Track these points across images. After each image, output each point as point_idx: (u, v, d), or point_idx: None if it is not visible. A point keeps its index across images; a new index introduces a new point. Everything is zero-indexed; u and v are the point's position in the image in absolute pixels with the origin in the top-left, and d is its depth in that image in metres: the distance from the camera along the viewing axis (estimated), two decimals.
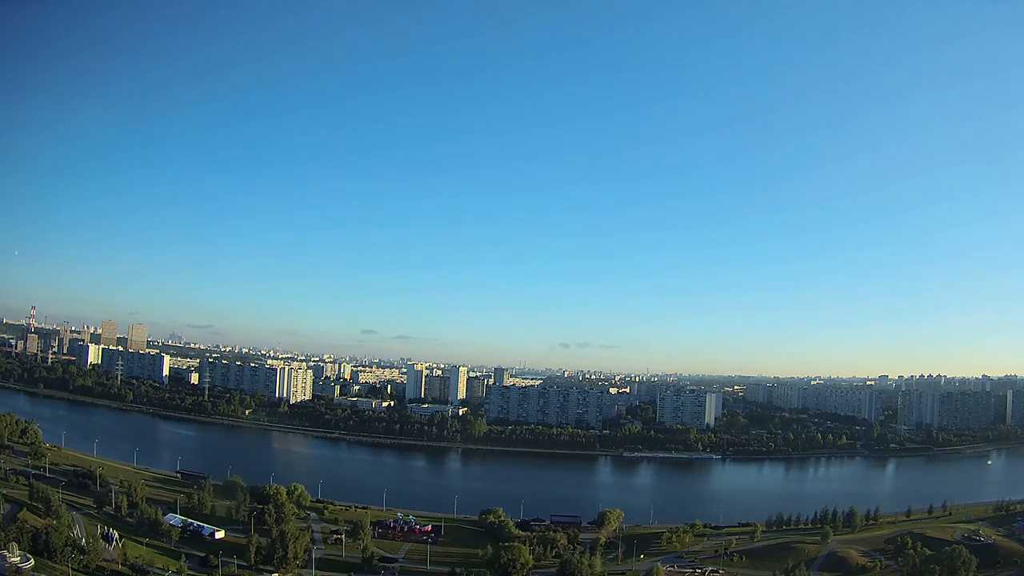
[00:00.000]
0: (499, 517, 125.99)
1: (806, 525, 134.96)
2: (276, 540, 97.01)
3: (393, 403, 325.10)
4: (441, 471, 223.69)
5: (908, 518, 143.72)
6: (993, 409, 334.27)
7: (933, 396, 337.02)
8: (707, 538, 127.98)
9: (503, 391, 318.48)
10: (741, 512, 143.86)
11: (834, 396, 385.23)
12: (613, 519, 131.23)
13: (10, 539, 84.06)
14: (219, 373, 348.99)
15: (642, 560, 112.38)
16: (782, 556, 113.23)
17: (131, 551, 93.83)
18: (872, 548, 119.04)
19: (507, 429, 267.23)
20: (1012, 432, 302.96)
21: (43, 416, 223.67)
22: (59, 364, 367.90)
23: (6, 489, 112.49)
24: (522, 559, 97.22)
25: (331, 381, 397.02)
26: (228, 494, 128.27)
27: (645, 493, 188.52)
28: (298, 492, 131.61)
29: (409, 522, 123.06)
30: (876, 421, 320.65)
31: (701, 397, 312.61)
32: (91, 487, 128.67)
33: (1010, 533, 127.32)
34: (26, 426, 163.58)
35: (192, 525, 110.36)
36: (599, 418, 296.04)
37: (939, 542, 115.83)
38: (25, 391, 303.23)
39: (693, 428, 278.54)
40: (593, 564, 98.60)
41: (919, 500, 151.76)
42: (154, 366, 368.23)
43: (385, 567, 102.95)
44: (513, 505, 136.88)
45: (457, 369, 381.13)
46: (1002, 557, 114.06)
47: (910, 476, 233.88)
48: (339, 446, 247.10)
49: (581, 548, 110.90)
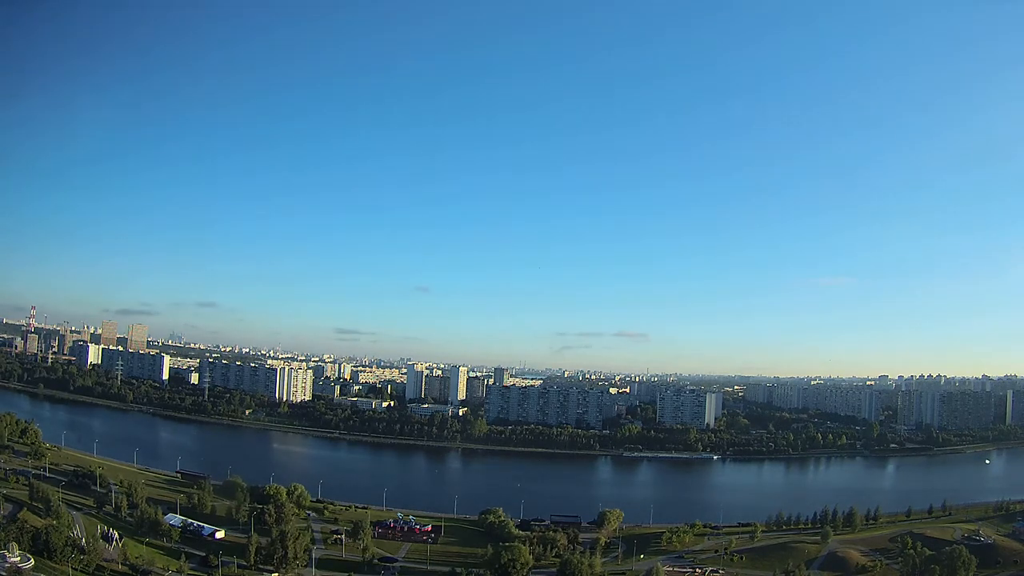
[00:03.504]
0: (499, 517, 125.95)
1: (806, 525, 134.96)
2: (276, 540, 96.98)
3: (393, 403, 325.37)
4: (441, 471, 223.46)
5: (908, 518, 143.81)
6: (993, 409, 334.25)
7: (933, 396, 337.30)
8: (707, 538, 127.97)
9: (503, 391, 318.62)
10: (741, 512, 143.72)
11: (834, 396, 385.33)
12: (613, 519, 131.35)
13: (10, 539, 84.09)
14: (219, 373, 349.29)
15: (642, 560, 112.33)
16: (782, 556, 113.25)
17: (131, 551, 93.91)
18: (872, 548, 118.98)
19: (507, 429, 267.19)
20: (1012, 432, 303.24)
21: (43, 416, 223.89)
22: (59, 364, 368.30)
23: (6, 489, 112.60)
24: (522, 559, 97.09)
25: (331, 381, 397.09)
26: (228, 494, 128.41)
27: (645, 493, 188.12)
28: (298, 492, 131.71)
29: (409, 522, 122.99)
30: (876, 421, 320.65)
31: (701, 397, 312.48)
32: (91, 487, 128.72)
33: (1010, 533, 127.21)
34: (26, 426, 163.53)
35: (192, 525, 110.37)
36: (599, 418, 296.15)
37: (939, 542, 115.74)
38: (25, 391, 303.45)
39: (693, 428, 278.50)
40: (593, 564, 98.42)
41: (919, 500, 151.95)
42: (154, 366, 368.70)
43: (385, 567, 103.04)
44: (513, 505, 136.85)
45: (457, 369, 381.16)
46: (1002, 557, 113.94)
47: (910, 476, 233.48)
48: (339, 446, 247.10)
49: (581, 548, 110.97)
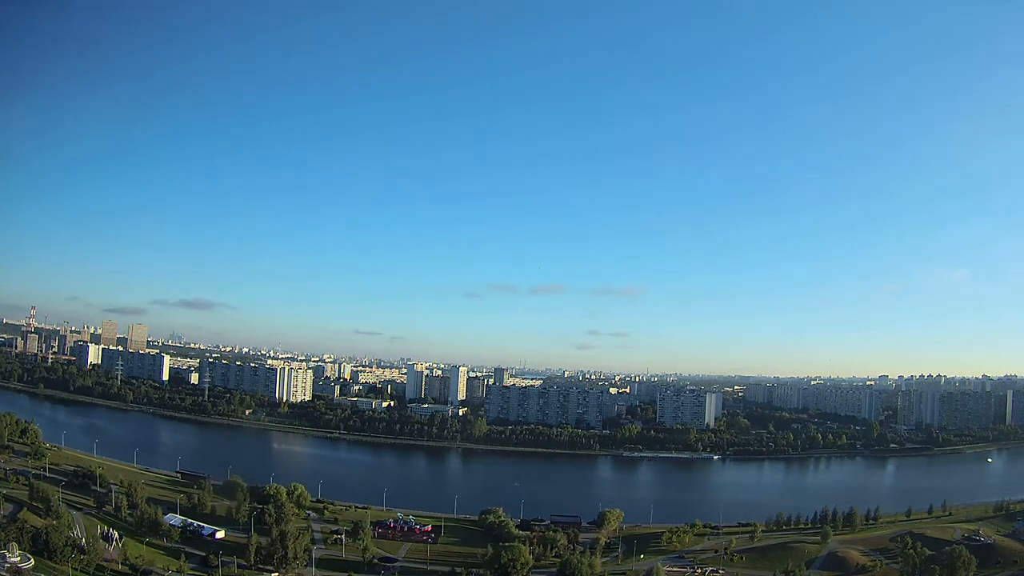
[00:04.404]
0: (499, 517, 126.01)
1: (806, 525, 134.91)
2: (276, 540, 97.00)
3: (393, 403, 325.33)
4: (441, 471, 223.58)
5: (908, 518, 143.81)
6: (993, 409, 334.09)
7: (933, 396, 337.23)
8: (707, 538, 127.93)
9: (503, 391, 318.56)
10: (741, 512, 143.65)
11: (834, 396, 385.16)
12: (613, 519, 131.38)
13: (10, 539, 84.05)
14: (219, 373, 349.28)
15: (642, 560, 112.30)
16: (782, 556, 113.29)
17: (131, 551, 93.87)
18: (872, 548, 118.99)
19: (507, 429, 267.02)
20: (1012, 432, 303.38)
21: (43, 416, 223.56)
22: (59, 364, 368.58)
23: (6, 489, 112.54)
24: (522, 559, 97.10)
25: (331, 381, 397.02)
26: (228, 494, 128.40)
27: (645, 493, 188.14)
28: (298, 492, 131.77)
29: (409, 522, 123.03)
30: (876, 421, 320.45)
31: (701, 397, 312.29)
32: (91, 487, 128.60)
33: (1010, 533, 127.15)
34: (26, 426, 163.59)
35: (192, 525, 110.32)
36: (599, 418, 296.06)
37: (939, 542, 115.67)
38: (25, 391, 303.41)
39: (693, 428, 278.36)
40: (593, 564, 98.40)
41: (919, 500, 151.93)
42: (154, 366, 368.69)
43: (385, 567, 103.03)
44: (513, 505, 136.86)
45: (457, 369, 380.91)
46: (1002, 557, 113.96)
47: (910, 476, 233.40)
48: (339, 446, 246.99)
49: (581, 548, 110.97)
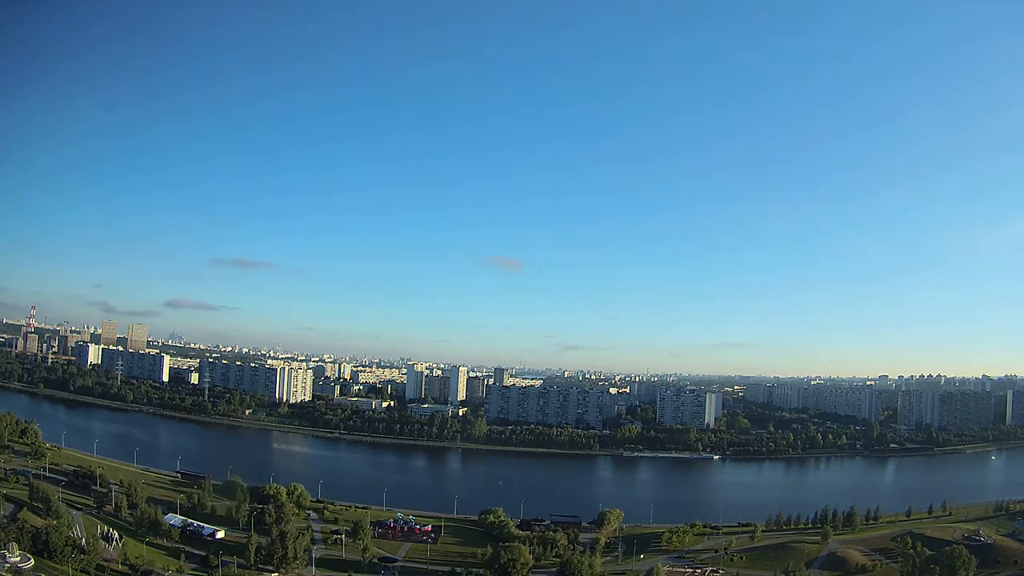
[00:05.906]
0: (499, 517, 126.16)
1: (806, 525, 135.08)
2: (276, 540, 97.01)
3: (393, 403, 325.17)
4: (441, 471, 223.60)
5: (908, 518, 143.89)
6: (993, 409, 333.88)
7: (933, 396, 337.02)
8: (707, 538, 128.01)
9: (503, 391, 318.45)
10: (741, 512, 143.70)
11: (834, 396, 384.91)
12: (613, 519, 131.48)
13: (10, 539, 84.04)
14: (219, 373, 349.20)
15: (642, 560, 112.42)
16: (782, 556, 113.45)
17: (131, 551, 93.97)
18: (872, 548, 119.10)
19: (507, 429, 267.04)
20: (1012, 432, 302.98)
21: (43, 416, 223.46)
22: (59, 364, 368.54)
23: (6, 489, 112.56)
24: (522, 559, 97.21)
25: (331, 381, 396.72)
26: (228, 494, 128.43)
27: (645, 493, 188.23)
28: (298, 492, 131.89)
29: (409, 522, 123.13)
30: (876, 421, 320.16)
31: (701, 397, 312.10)
32: (91, 487, 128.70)
33: (1010, 533, 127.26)
34: (26, 426, 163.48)
35: (192, 525, 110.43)
36: (599, 418, 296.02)
37: (939, 542, 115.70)
38: (25, 391, 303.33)
39: (693, 428, 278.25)
40: (593, 564, 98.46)
41: (919, 500, 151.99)
42: (154, 366, 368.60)
43: (385, 567, 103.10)
44: (513, 505, 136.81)
45: (457, 369, 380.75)
46: (1002, 557, 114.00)
47: (910, 476, 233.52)
48: (339, 446, 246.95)
49: (581, 548, 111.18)
